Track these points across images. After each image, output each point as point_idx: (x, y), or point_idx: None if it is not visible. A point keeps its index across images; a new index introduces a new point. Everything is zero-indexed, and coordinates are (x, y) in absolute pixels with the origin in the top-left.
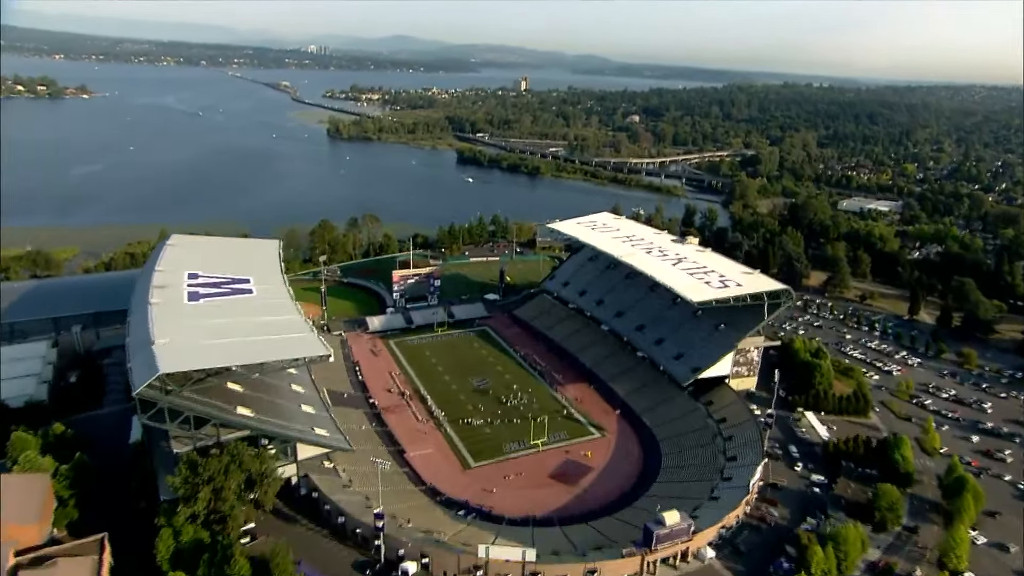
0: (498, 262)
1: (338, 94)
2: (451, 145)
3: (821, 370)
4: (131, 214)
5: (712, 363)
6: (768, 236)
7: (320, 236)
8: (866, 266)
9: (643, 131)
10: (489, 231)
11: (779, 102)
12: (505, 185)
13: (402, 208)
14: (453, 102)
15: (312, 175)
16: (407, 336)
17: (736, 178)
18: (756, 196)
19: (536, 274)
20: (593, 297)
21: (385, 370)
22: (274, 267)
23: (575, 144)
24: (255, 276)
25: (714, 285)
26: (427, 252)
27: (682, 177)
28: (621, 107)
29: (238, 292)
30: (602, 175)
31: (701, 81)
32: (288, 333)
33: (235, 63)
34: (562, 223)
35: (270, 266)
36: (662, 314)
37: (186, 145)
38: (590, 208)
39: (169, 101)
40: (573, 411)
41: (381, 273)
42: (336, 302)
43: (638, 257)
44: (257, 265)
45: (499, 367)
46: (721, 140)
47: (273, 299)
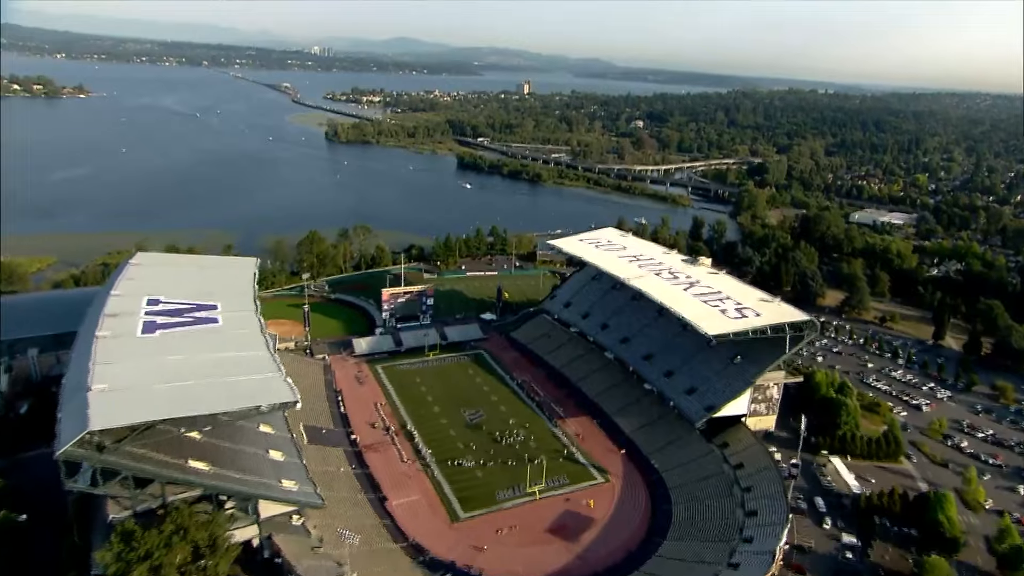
0: (496, 277)
1: (339, 96)
2: (451, 150)
3: (848, 409)
4: (115, 221)
5: (728, 401)
6: (780, 251)
7: (307, 248)
8: (884, 285)
9: (647, 137)
10: (487, 243)
11: (785, 109)
12: (505, 192)
13: (397, 216)
14: (455, 105)
15: (307, 181)
16: (396, 360)
17: (744, 187)
18: (765, 207)
19: (536, 291)
20: (597, 320)
21: (370, 400)
22: (246, 291)
23: (578, 150)
24: (224, 301)
25: (730, 314)
26: (421, 266)
27: (688, 186)
28: (625, 112)
29: (202, 321)
30: (605, 183)
31: (705, 86)
32: (252, 374)
33: (237, 64)
34: (564, 240)
35: (242, 289)
36: (672, 342)
37: (179, 148)
38: (593, 217)
39: (167, 102)
40: (574, 450)
41: (372, 288)
42: (322, 320)
43: (647, 281)
44: (228, 288)
45: (494, 397)
46: (727, 147)
47: (241, 329)
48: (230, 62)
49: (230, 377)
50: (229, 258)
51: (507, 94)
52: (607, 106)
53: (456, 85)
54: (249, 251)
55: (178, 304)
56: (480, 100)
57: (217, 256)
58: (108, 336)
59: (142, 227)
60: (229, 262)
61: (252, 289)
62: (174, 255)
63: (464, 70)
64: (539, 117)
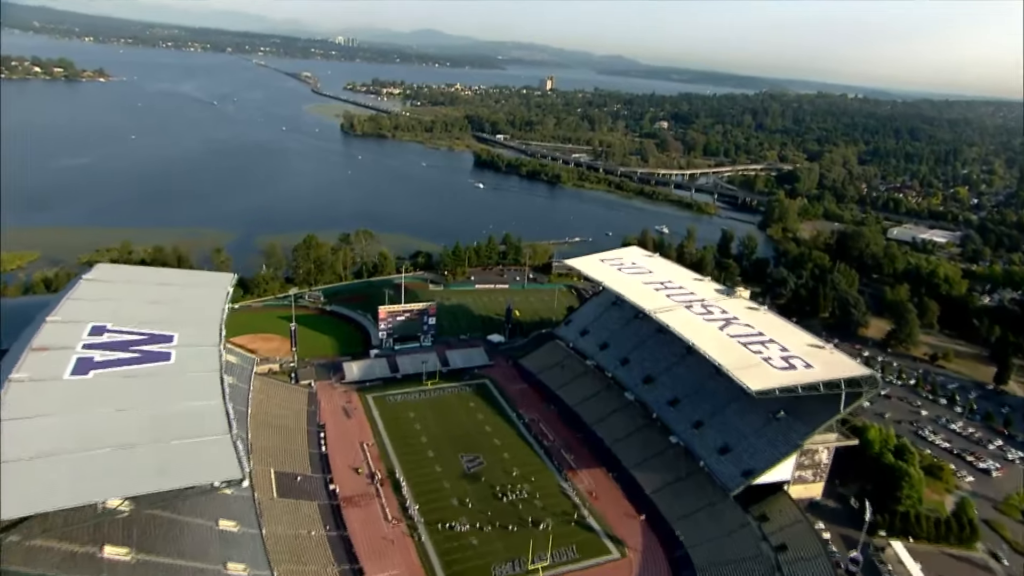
0: (507, 291)
1: (359, 87)
2: (469, 146)
3: (911, 481)
4: (109, 216)
5: (769, 467)
6: (817, 273)
7: (304, 254)
8: (933, 315)
9: (672, 139)
10: (499, 252)
11: (814, 113)
12: (522, 194)
13: (406, 217)
14: (476, 99)
15: (316, 175)
16: (390, 390)
17: (774, 197)
18: (796, 219)
19: (550, 309)
20: (616, 354)
21: (356, 438)
22: (213, 316)
23: (600, 151)
24: (183, 330)
25: (775, 363)
26: (427, 275)
27: (714, 192)
28: (649, 112)
29: (150, 358)
30: (628, 187)
31: (730, 87)
32: (195, 435)
33: (261, 51)
34: (582, 260)
35: (209, 315)
36: (702, 386)
37: (190, 136)
38: (613, 223)
39: (186, 88)
40: (586, 513)
41: (372, 299)
42: (313, 337)
43: (677, 315)
44: (192, 313)
45: (497, 439)
46: (754, 152)
47: (195, 370)
48: (254, 49)
49: (163, 443)
50: (202, 274)
51: (529, 89)
52: (630, 105)
53: (478, 79)
54: (245, 252)
55: (126, 334)
56: (501, 95)
57: (188, 271)
58: (25, 380)
59: (135, 223)
60: (201, 279)
61: (220, 314)
62: (138, 268)
63: (487, 64)
64: (560, 115)
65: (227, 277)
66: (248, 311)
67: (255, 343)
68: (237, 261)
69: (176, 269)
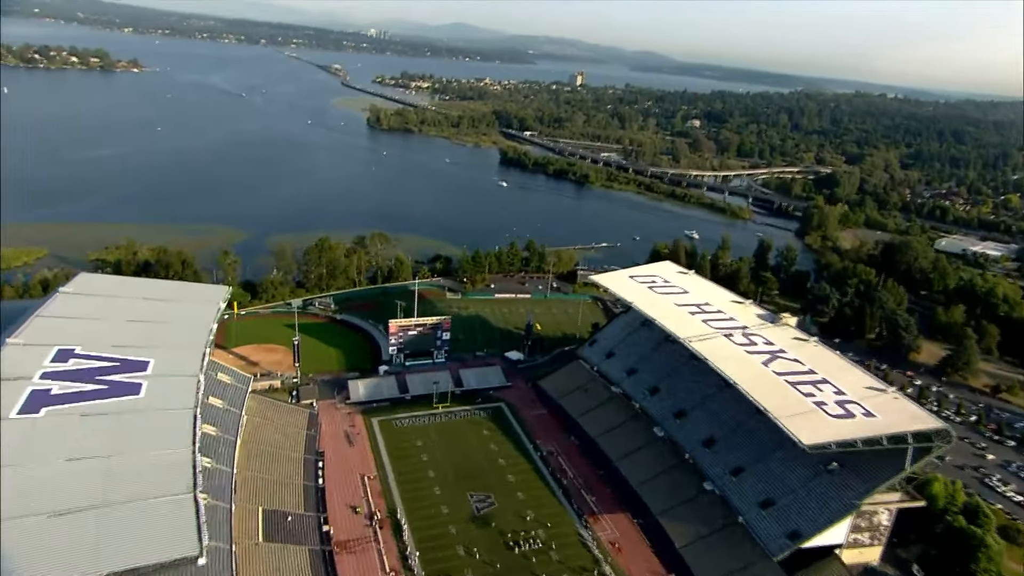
0: (528, 301)
1: (388, 80)
2: (495, 143)
3: (988, 552)
4: (122, 210)
5: (820, 531)
6: (862, 289)
7: (315, 258)
8: (992, 340)
9: (704, 139)
10: (522, 258)
11: (852, 113)
12: (548, 194)
13: (427, 218)
14: (504, 94)
15: (338, 171)
16: (398, 412)
17: (812, 202)
18: (837, 227)
19: (573, 322)
20: (645, 381)
21: (358, 469)
22: (198, 338)
23: (630, 149)
24: (161, 355)
25: (830, 409)
26: (444, 283)
27: (748, 196)
28: (681, 110)
29: (117, 391)
30: (658, 188)
31: (765, 85)
32: (149, 496)
33: (294, 43)
34: (610, 277)
35: (194, 336)
36: (742, 425)
37: (215, 129)
38: (642, 227)
39: (215, 80)
40: (608, 571)
41: (385, 308)
42: (320, 349)
43: (716, 345)
44: (175, 333)
45: (510, 474)
46: (790, 154)
47: (166, 408)
48: (287, 41)
49: (111, 507)
50: (193, 287)
51: (559, 85)
52: (662, 102)
53: (508, 73)
54: (257, 252)
55: (96, 360)
56: (531, 90)
57: (178, 284)
58: None
59: (149, 219)
60: (191, 292)
61: (207, 336)
62: (124, 280)
63: (518, 58)
64: (590, 111)
65: (220, 291)
66: (255, 318)
67: (258, 354)
68: (247, 262)
69: (166, 281)
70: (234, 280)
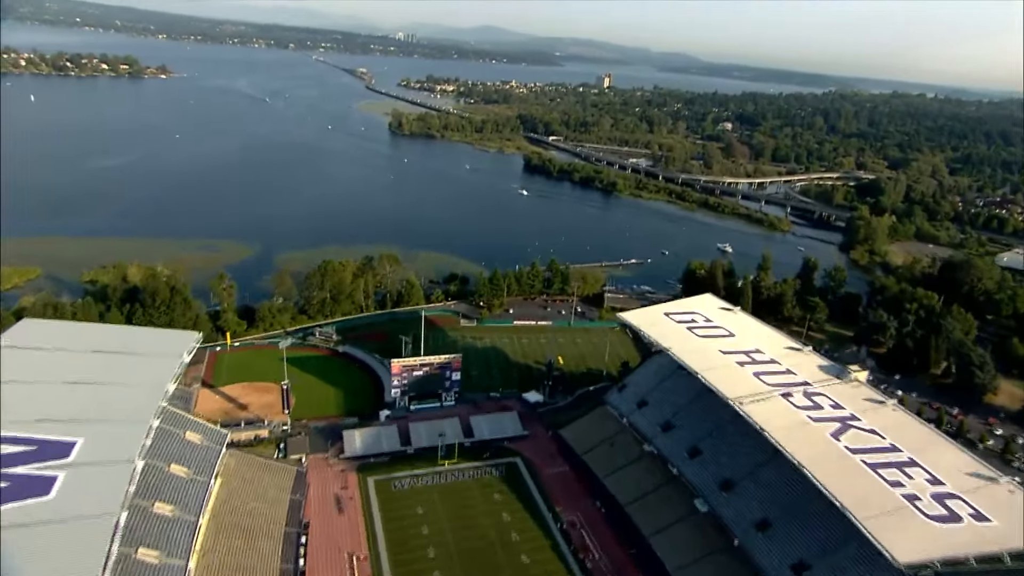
0: (550, 329)
1: (413, 83)
2: (519, 148)
3: None
4: (125, 224)
5: None
6: (922, 315)
7: (318, 281)
8: None
9: (737, 143)
10: (544, 278)
11: (891, 115)
12: (573, 203)
13: (444, 232)
14: (530, 97)
15: (354, 181)
16: (398, 470)
17: (856, 212)
18: (885, 240)
19: (599, 355)
20: (684, 440)
21: (345, 546)
22: (147, 405)
23: (659, 155)
24: (94, 432)
25: (927, 507)
26: (457, 308)
27: (786, 205)
28: (711, 112)
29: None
30: (690, 196)
31: (796, 85)
32: None
33: (322, 47)
34: (642, 315)
35: (142, 401)
36: (804, 507)
37: (233, 134)
38: (674, 240)
39: (240, 84)
40: None
41: (393, 337)
42: (315, 389)
43: (773, 410)
44: (119, 399)
45: (524, 555)
46: (828, 158)
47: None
48: (315, 45)
49: None
50: (158, 334)
51: (586, 87)
52: (691, 105)
53: (535, 76)
54: (261, 270)
55: (8, 444)
56: (557, 92)
57: (142, 330)
58: None
59: (151, 233)
60: (152, 341)
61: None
62: (74, 327)
63: (545, 60)
64: (618, 115)
65: (186, 340)
66: (251, 349)
67: (249, 395)
68: (251, 282)
69: (126, 328)
70: (230, 306)
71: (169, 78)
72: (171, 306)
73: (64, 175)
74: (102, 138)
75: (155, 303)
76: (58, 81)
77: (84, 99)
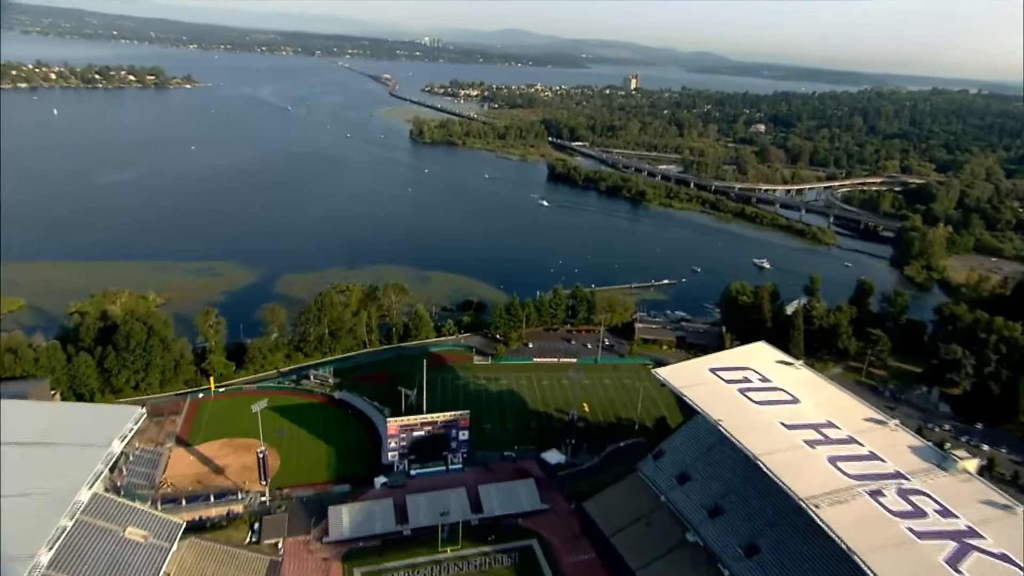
0: (574, 366)
1: (437, 88)
2: (544, 155)
3: None
4: (125, 244)
5: None
6: (1004, 351)
7: (314, 316)
8: None
9: (773, 147)
10: (567, 305)
11: (933, 113)
12: (599, 215)
13: (462, 250)
14: (555, 100)
15: (370, 193)
16: (390, 559)
17: (907, 222)
18: (943, 254)
19: (631, 399)
20: (737, 531)
21: None
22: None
23: (690, 160)
24: None
25: None
26: (470, 343)
27: (829, 214)
28: (743, 113)
29: None
30: (724, 206)
31: (827, 84)
32: None
33: (349, 54)
34: (683, 371)
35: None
36: None
37: (250, 145)
38: (707, 255)
39: (264, 93)
40: None
41: (397, 378)
42: (304, 447)
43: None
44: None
45: None
46: (869, 161)
47: None
48: (342, 52)
49: None
50: (98, 411)
51: (612, 89)
52: (722, 106)
53: (560, 79)
54: (263, 295)
55: None
56: (583, 95)
57: (71, 407)
58: None
59: (149, 256)
60: (88, 420)
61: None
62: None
63: (570, 62)
64: (646, 118)
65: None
66: (238, 395)
67: (226, 455)
68: (247, 312)
69: (52, 405)
70: (218, 345)
71: (194, 88)
72: (147, 349)
73: (71, 192)
74: (115, 152)
75: (129, 346)
76: (87, 94)
77: (106, 111)
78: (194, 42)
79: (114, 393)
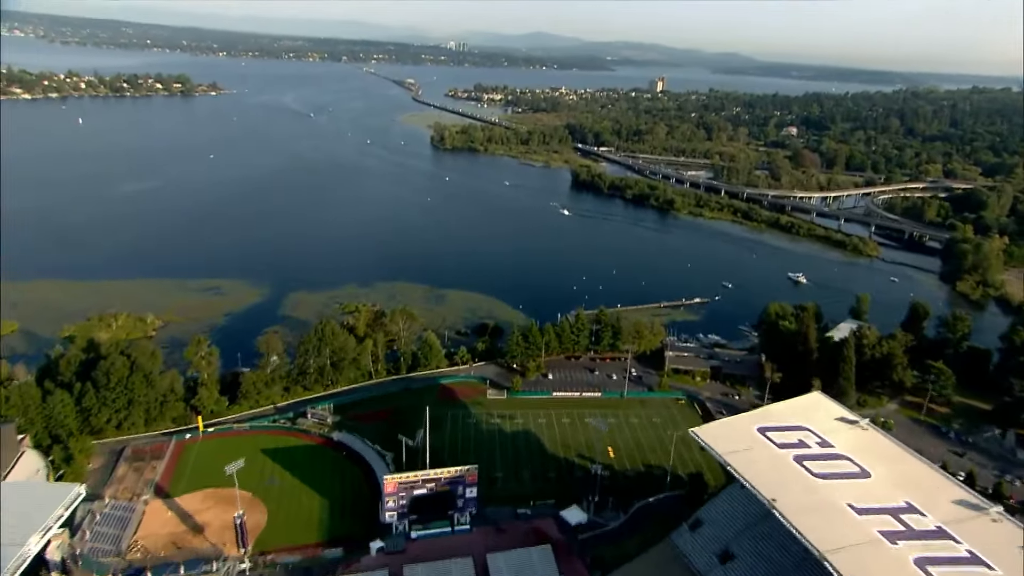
0: (598, 402)
1: (460, 93)
2: (567, 161)
3: None
4: (131, 260)
5: None
6: None
7: (314, 346)
8: None
9: (807, 152)
10: (590, 330)
11: (975, 113)
12: (624, 224)
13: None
14: (580, 104)
15: (387, 204)
16: None
17: (957, 232)
18: (1000, 267)
19: (661, 442)
20: None
21: None
22: None
23: (720, 166)
24: None
25: None
26: (485, 376)
27: (870, 224)
28: (774, 116)
29: None
30: (757, 215)
31: (859, 84)
32: None
33: (375, 59)
34: (725, 434)
35: None
36: None
37: (269, 153)
38: (739, 266)
39: (287, 99)
40: None
41: (403, 415)
42: (294, 501)
43: None
44: None
45: None
46: (910, 165)
47: None
48: (368, 57)
49: None
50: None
51: (638, 92)
52: (751, 108)
53: (585, 82)
54: (269, 317)
55: None
56: (608, 98)
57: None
58: None
59: (154, 273)
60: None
61: None
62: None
63: (595, 65)
64: (673, 121)
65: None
66: (229, 435)
67: (208, 509)
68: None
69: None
70: (210, 378)
71: (219, 95)
72: (129, 386)
73: (81, 204)
74: (134, 162)
75: (109, 383)
76: (114, 102)
77: (130, 119)
78: (223, 49)
79: (93, 434)
